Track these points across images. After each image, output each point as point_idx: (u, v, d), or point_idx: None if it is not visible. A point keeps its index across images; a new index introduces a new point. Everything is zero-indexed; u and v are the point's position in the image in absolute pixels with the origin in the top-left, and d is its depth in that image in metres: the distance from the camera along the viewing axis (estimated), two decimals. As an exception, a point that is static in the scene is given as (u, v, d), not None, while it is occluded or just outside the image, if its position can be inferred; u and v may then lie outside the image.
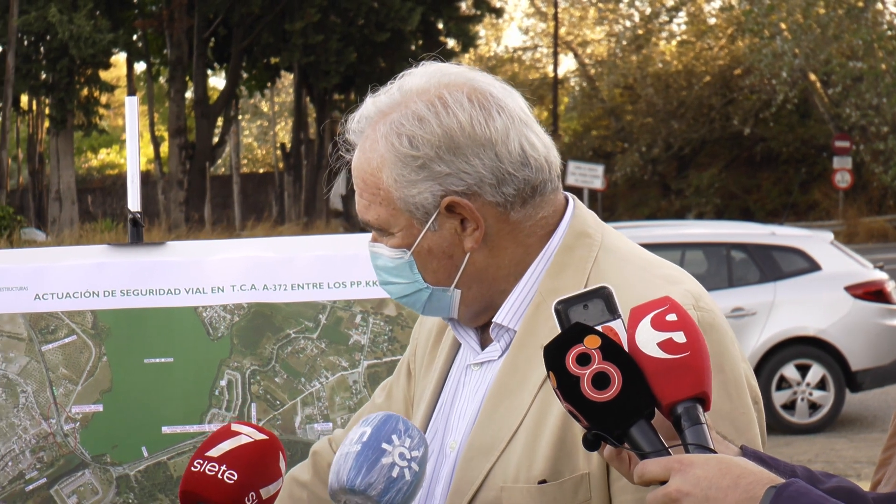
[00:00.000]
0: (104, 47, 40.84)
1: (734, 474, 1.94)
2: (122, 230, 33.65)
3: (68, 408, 3.39)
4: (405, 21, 42.31)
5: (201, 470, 2.25)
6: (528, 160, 2.39)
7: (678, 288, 2.37)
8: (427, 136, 2.36)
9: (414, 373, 2.75)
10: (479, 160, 2.36)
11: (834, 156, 42.02)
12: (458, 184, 2.37)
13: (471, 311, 2.48)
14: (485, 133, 2.36)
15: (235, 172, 48.62)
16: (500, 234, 2.41)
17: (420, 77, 2.44)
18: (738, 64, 49.09)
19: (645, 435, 2.02)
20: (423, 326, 2.74)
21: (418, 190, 2.38)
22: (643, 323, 2.07)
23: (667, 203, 49.34)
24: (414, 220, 2.40)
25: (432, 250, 2.42)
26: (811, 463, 11.44)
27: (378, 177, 2.40)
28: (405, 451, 2.22)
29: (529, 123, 2.43)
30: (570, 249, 2.44)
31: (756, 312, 13.19)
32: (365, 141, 2.44)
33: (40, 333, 3.41)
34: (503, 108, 2.40)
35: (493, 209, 2.39)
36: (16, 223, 35.04)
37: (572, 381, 2.01)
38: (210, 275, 3.49)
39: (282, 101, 63.82)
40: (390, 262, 2.45)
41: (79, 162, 61.48)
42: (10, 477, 3.34)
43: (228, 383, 3.44)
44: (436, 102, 2.38)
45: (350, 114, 2.50)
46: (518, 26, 61.66)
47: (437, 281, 2.44)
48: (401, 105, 2.40)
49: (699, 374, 2.04)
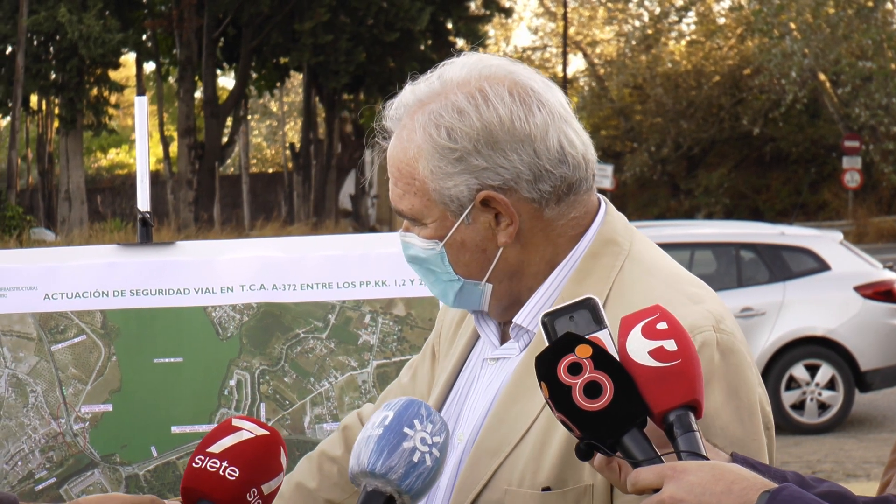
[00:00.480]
0: (114, 47, 40.87)
1: (728, 480, 1.94)
2: (132, 230, 33.69)
3: (78, 407, 3.39)
4: (415, 21, 42.31)
5: (203, 466, 2.24)
6: (566, 157, 2.38)
7: (701, 308, 2.35)
8: (466, 129, 2.35)
9: (438, 355, 2.75)
10: (518, 155, 2.35)
11: (843, 156, 41.97)
12: (494, 178, 2.35)
13: (500, 305, 2.47)
14: (524, 128, 2.35)
15: (245, 172, 48.65)
16: (534, 231, 2.40)
17: (461, 67, 2.42)
18: (748, 64, 49.04)
19: (637, 443, 2.02)
20: (448, 311, 2.72)
21: (454, 182, 2.36)
22: (634, 331, 2.08)
23: (676, 203, 49.31)
24: (448, 212, 2.39)
25: (465, 243, 2.41)
26: (820, 463, 11.43)
27: (414, 167, 2.39)
28: (427, 437, 2.21)
29: (569, 119, 2.41)
30: (596, 256, 2.42)
31: (765, 312, 13.18)
32: (402, 130, 2.42)
33: (50, 333, 3.41)
34: (543, 104, 2.38)
35: (528, 205, 2.37)
36: (25, 223, 35.12)
37: (564, 390, 2.02)
38: (219, 275, 3.49)
39: (291, 101, 63.86)
40: (422, 253, 2.45)
41: (88, 162, 61.57)
42: (20, 476, 3.34)
43: (238, 383, 3.45)
44: (476, 95, 2.36)
45: (388, 101, 2.47)
46: (527, 26, 61.76)
47: (468, 274, 2.43)
48: (440, 95, 2.39)
49: (690, 381, 2.05)
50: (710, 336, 2.29)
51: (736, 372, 2.30)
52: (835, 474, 10.94)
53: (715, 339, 2.29)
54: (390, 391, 2.89)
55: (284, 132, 62.57)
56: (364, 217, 46.01)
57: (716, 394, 2.26)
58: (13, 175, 42.30)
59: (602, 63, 54.20)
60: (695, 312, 2.32)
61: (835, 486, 2.06)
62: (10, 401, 3.37)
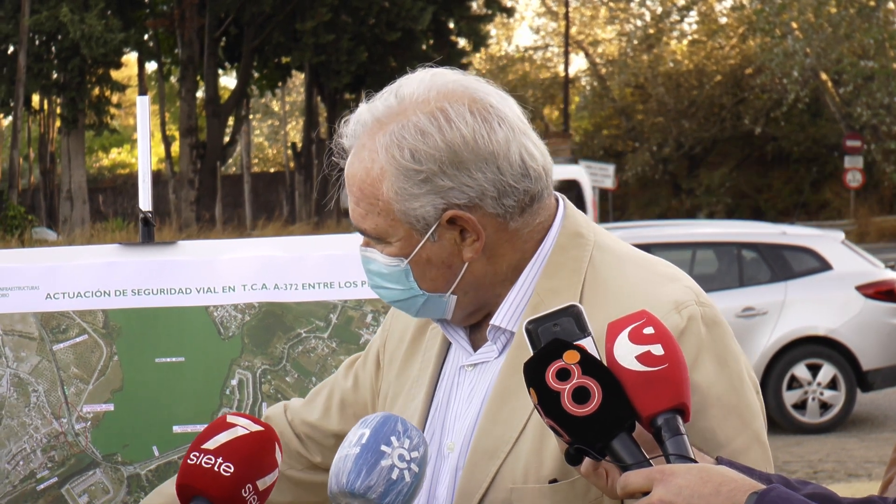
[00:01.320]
0: (115, 47, 40.86)
1: (716, 482, 1.96)
2: (133, 229, 33.69)
3: (79, 407, 3.39)
4: (416, 20, 42.30)
5: (197, 462, 2.24)
6: (528, 171, 2.39)
7: (679, 284, 2.39)
8: (430, 151, 2.34)
9: (382, 364, 2.74)
10: (482, 174, 2.35)
11: (845, 155, 41.97)
12: (460, 197, 2.36)
13: (464, 312, 2.48)
14: (488, 147, 2.35)
15: (246, 172, 48.66)
16: (499, 243, 2.41)
17: (418, 84, 2.41)
18: (749, 63, 49.05)
19: (626, 447, 2.04)
20: (399, 320, 2.71)
21: (420, 203, 2.36)
22: (621, 336, 2.09)
23: (677, 202, 49.31)
24: (413, 231, 2.39)
25: (431, 260, 2.41)
26: (822, 462, 11.43)
27: (378, 188, 2.38)
28: (404, 453, 2.22)
29: (527, 132, 2.42)
30: (564, 249, 2.44)
31: (767, 312, 13.17)
32: (362, 150, 2.40)
33: (52, 333, 3.41)
34: (503, 119, 2.38)
35: (493, 220, 2.38)
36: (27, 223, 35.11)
37: (553, 396, 2.04)
38: (221, 274, 3.49)
39: (293, 101, 63.87)
40: (384, 269, 2.45)
41: (90, 161, 61.56)
42: (22, 476, 3.35)
43: (239, 383, 3.45)
44: (438, 115, 2.35)
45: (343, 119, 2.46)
46: (529, 26, 61.68)
47: (434, 288, 2.43)
48: (400, 115, 2.37)
49: (678, 385, 2.07)
50: (695, 310, 2.34)
51: (722, 342, 2.35)
52: (836, 474, 10.94)
53: (699, 313, 2.34)
54: (323, 390, 2.88)
55: (286, 132, 62.57)
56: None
57: (707, 365, 2.30)
58: (15, 175, 42.31)
59: (604, 62, 54.18)
60: (676, 289, 2.36)
61: (819, 488, 2.08)
62: (11, 400, 3.37)
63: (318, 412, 2.84)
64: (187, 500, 2.24)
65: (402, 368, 2.65)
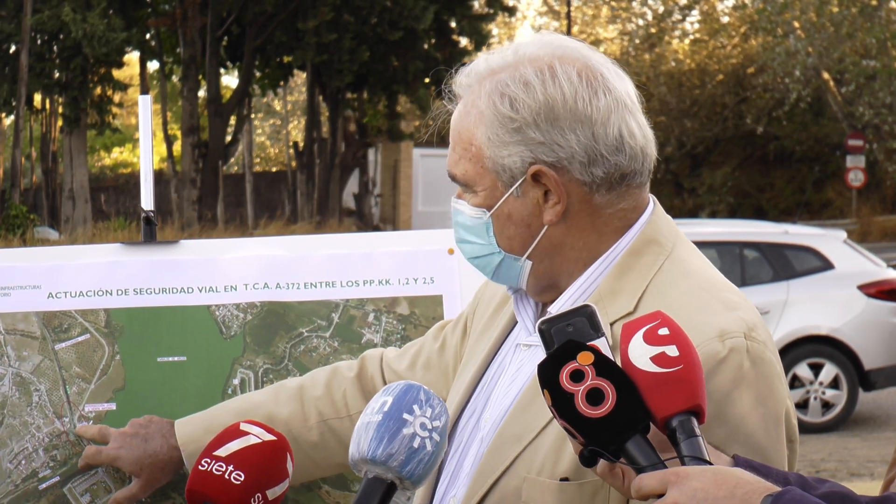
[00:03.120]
0: (117, 46, 40.85)
1: (730, 485, 1.95)
2: (136, 229, 33.72)
3: (81, 406, 3.39)
4: (418, 20, 42.27)
5: (208, 469, 2.24)
6: (624, 146, 2.39)
7: (734, 314, 2.35)
8: (528, 101, 2.37)
9: (469, 331, 2.76)
10: (575, 135, 2.37)
11: (847, 154, 41.96)
12: (549, 154, 2.37)
13: (539, 284, 2.48)
14: (586, 110, 2.37)
15: (248, 171, 48.64)
16: (580, 215, 2.41)
17: (536, 44, 2.45)
18: (752, 62, 49.03)
19: (640, 449, 2.03)
20: (490, 287, 2.74)
21: (509, 152, 2.38)
22: (636, 338, 2.08)
23: (680, 201, 49.31)
24: (499, 181, 2.41)
25: (511, 216, 2.42)
26: (824, 462, 11.43)
27: (473, 132, 2.42)
28: (426, 422, 2.21)
29: (634, 111, 2.43)
30: (638, 254, 2.43)
31: (769, 311, 13.17)
32: (469, 95, 2.45)
33: (53, 332, 3.41)
34: (610, 90, 2.40)
35: (578, 187, 2.39)
36: (29, 222, 35.13)
37: (567, 397, 2.03)
38: (223, 273, 3.49)
39: (295, 100, 63.87)
40: (469, 221, 2.46)
41: (92, 160, 61.56)
42: (24, 475, 3.35)
43: (241, 382, 3.45)
44: (545, 70, 2.39)
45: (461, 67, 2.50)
46: (531, 25, 61.63)
47: (510, 248, 2.44)
48: (511, 67, 2.41)
49: (693, 386, 2.05)
50: (741, 342, 2.30)
51: (765, 381, 2.31)
52: (838, 473, 10.93)
53: (745, 346, 2.30)
54: (415, 346, 2.96)
55: (288, 131, 62.57)
56: (367, 216, 46.01)
57: (744, 400, 2.27)
58: (17, 174, 42.32)
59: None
60: (728, 318, 2.33)
61: (836, 486, 2.07)
62: (13, 399, 3.37)
63: (405, 364, 2.92)
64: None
65: (479, 338, 2.68)
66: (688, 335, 2.14)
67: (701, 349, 2.20)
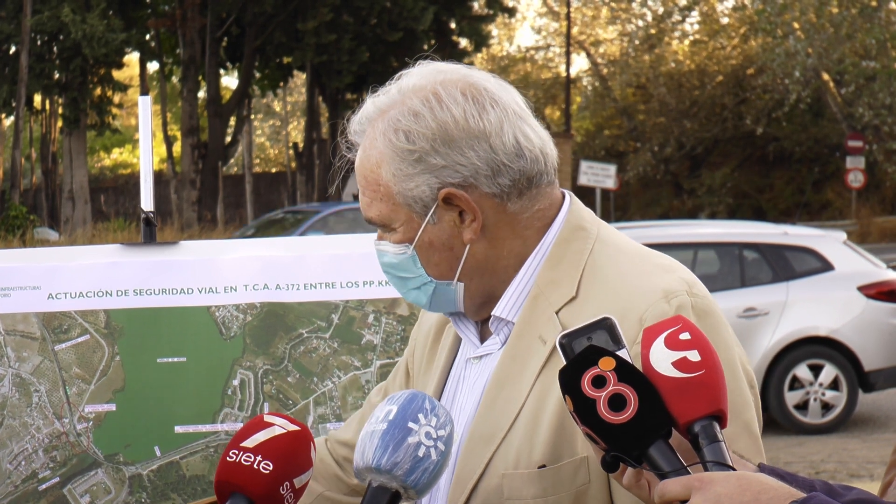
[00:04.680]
0: (117, 47, 40.84)
1: (755, 490, 1.94)
2: (135, 230, 33.70)
3: (81, 407, 3.39)
4: (418, 20, 42.29)
5: (237, 460, 2.26)
6: (523, 151, 2.43)
7: (673, 276, 2.43)
8: (422, 130, 2.40)
9: (412, 373, 2.78)
10: (474, 152, 2.40)
11: (847, 155, 41.95)
12: (453, 176, 2.41)
13: (475, 303, 2.51)
14: (478, 125, 2.41)
15: (248, 172, 48.63)
16: (499, 226, 2.45)
17: (417, 76, 2.50)
18: (751, 63, 49.03)
19: (663, 454, 2.02)
20: (422, 328, 2.78)
21: (416, 183, 2.41)
22: (657, 342, 2.07)
23: (679, 203, 49.31)
24: (413, 213, 2.44)
25: (433, 243, 2.45)
26: (824, 463, 11.43)
27: (377, 173, 2.44)
28: (431, 431, 2.22)
29: (524, 117, 2.47)
30: (567, 242, 2.48)
31: (768, 312, 13.16)
32: (366, 140, 2.48)
33: (53, 333, 3.41)
34: (497, 102, 2.44)
35: (490, 200, 2.42)
36: (29, 223, 35.10)
37: (589, 403, 2.02)
38: (223, 274, 3.49)
39: (294, 101, 63.87)
40: (395, 259, 2.49)
41: (92, 161, 61.56)
42: (24, 476, 3.35)
43: (241, 383, 3.45)
44: (430, 98, 2.43)
45: (352, 115, 2.53)
46: (531, 26, 61.70)
47: (440, 274, 2.48)
48: (398, 103, 2.45)
49: (715, 391, 2.04)
50: (685, 299, 2.37)
51: (713, 332, 2.34)
52: (838, 475, 10.93)
53: (690, 303, 2.37)
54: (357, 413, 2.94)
55: (287, 132, 62.57)
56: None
57: None
58: (17, 175, 42.31)
59: (605, 63, 54.16)
60: (668, 279, 2.40)
61: (864, 494, 2.06)
62: (13, 400, 3.37)
63: (352, 431, 2.88)
64: (225, 497, 2.26)
65: (426, 371, 2.70)
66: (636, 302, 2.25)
67: (649, 311, 2.32)
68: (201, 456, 3.43)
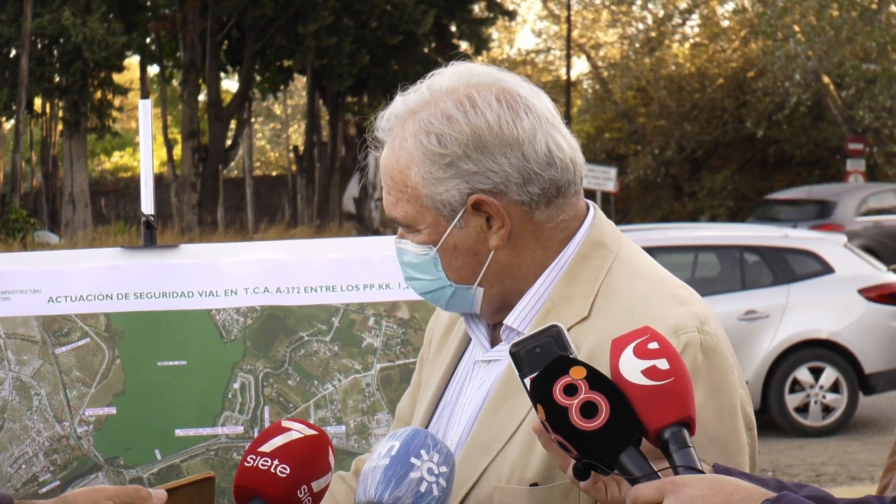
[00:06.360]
0: (117, 50, 40.85)
1: (727, 491, 1.97)
2: (136, 233, 33.70)
3: (82, 410, 3.39)
4: (418, 24, 42.29)
5: (254, 465, 2.28)
6: (554, 160, 2.43)
7: (686, 309, 2.41)
8: (455, 135, 2.39)
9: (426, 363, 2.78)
10: (506, 159, 2.39)
11: (847, 158, 41.93)
12: (484, 182, 2.40)
13: (492, 307, 2.51)
14: (512, 133, 2.40)
15: (248, 175, 48.65)
16: (524, 234, 2.44)
17: (449, 77, 2.47)
18: (752, 66, 49.02)
19: (634, 460, 2.05)
20: (438, 319, 2.77)
21: (445, 188, 2.41)
22: (626, 352, 2.10)
23: (680, 205, 49.29)
24: (440, 217, 2.43)
25: (458, 247, 2.45)
26: (824, 466, 11.43)
27: (406, 174, 2.43)
28: (433, 467, 2.23)
29: (556, 124, 2.46)
30: (585, 258, 2.47)
31: (769, 315, 13.17)
32: (394, 139, 2.47)
33: (54, 336, 3.41)
34: (531, 109, 2.43)
35: (518, 208, 2.42)
36: (29, 226, 35.13)
37: (561, 411, 2.05)
38: (223, 277, 3.49)
39: (295, 104, 63.87)
40: (416, 259, 2.48)
41: (92, 165, 61.55)
42: (24, 479, 3.35)
43: (241, 386, 3.45)
44: (465, 102, 2.41)
45: (380, 112, 2.52)
46: (531, 29, 61.76)
47: (460, 279, 2.47)
48: (430, 104, 2.43)
49: (683, 398, 2.08)
50: (694, 337, 2.35)
51: (718, 372, 2.35)
52: (839, 477, 10.94)
53: (699, 340, 2.35)
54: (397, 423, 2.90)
55: (288, 135, 62.57)
56: (368, 220, 46.01)
57: (698, 392, 2.28)
58: (17, 178, 42.32)
59: (605, 66, 54.16)
60: (680, 313, 2.38)
61: (816, 490, 2.10)
62: (14, 404, 3.38)
63: None
64: (245, 502, 2.27)
65: (432, 365, 2.70)
66: None
67: None
68: (202, 459, 3.43)
